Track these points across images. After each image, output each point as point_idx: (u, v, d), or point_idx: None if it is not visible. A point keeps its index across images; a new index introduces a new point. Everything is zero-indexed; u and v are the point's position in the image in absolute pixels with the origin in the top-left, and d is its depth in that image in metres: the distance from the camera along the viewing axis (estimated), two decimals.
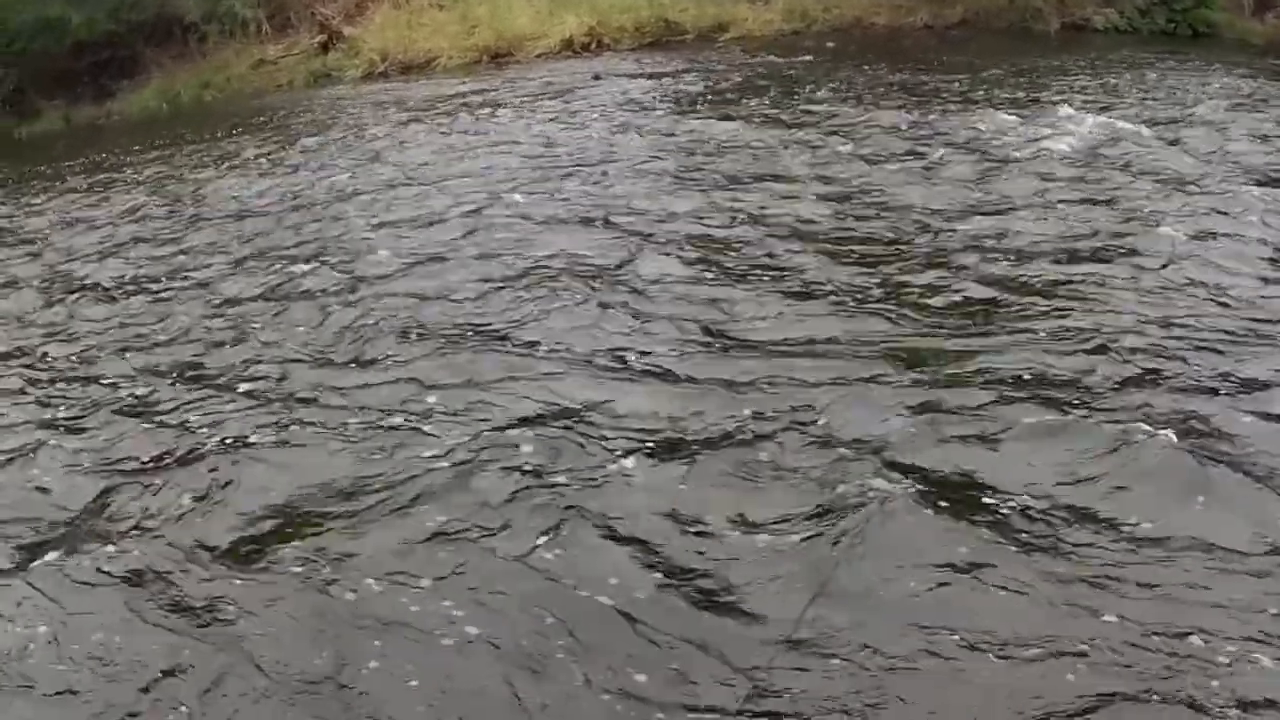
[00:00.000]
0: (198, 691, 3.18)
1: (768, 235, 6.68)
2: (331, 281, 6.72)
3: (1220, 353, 4.77)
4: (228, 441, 4.71)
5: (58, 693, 3.29)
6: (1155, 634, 3.09)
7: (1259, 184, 7.23)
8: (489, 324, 5.69)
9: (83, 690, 3.28)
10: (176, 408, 5.20)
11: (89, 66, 20.47)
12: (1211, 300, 5.35)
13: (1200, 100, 10.13)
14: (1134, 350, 4.79)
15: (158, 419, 5.11)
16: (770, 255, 6.33)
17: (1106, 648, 3.05)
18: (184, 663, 3.31)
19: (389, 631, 3.33)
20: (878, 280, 5.85)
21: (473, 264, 6.70)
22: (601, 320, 5.55)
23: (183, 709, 3.13)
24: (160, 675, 3.27)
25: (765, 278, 5.98)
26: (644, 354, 5.13)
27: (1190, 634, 3.08)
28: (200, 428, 4.92)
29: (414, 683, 3.13)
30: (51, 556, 4.04)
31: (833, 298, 5.62)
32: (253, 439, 4.72)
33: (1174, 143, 8.51)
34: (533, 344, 5.36)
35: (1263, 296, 5.37)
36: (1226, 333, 4.98)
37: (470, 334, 5.60)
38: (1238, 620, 3.13)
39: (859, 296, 5.63)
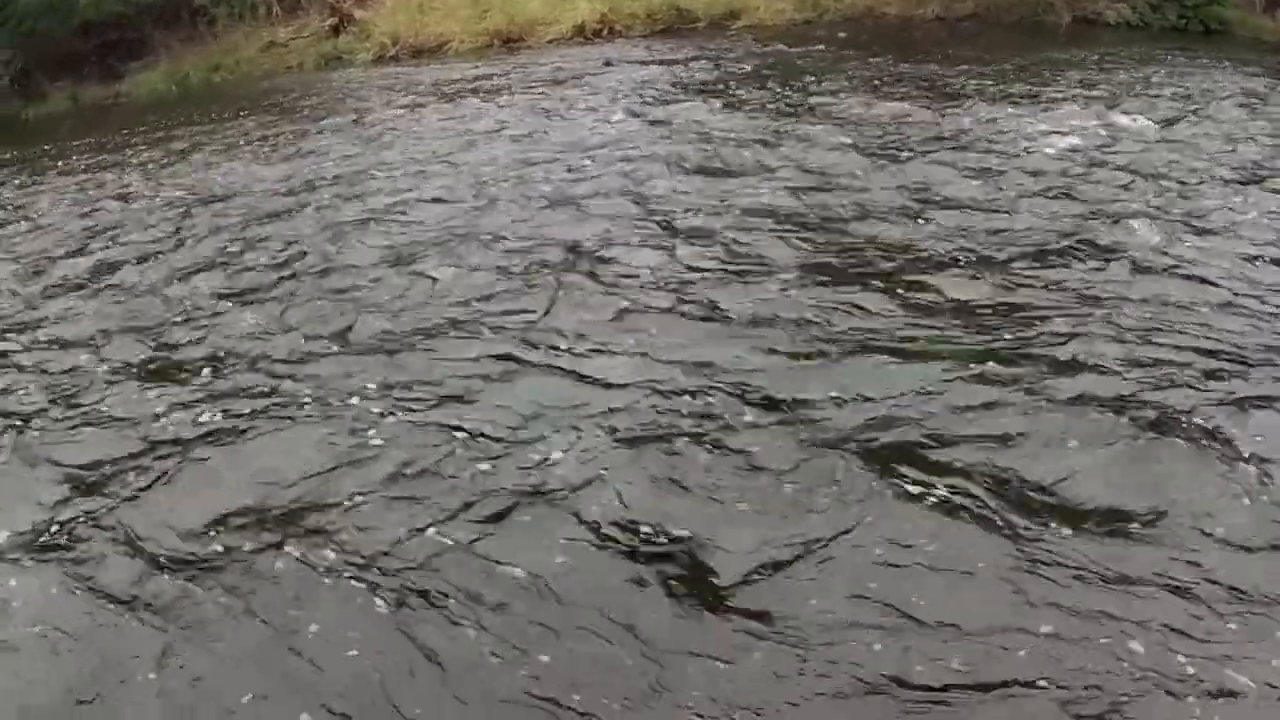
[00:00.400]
0: (152, 663, 3.31)
1: (744, 223, 6.66)
2: (307, 269, 6.74)
3: (1195, 349, 4.73)
4: (184, 427, 4.79)
5: (26, 668, 3.41)
6: (1123, 648, 3.02)
7: (1256, 184, 7.12)
8: (452, 310, 5.74)
9: (52, 665, 3.40)
10: (138, 394, 5.24)
11: (96, 48, 20.54)
12: (1189, 296, 5.30)
13: (1208, 99, 9.98)
14: (1106, 346, 4.77)
15: (119, 405, 5.16)
16: (742, 243, 6.29)
17: (1071, 664, 2.98)
18: (140, 639, 3.43)
19: (329, 605, 3.48)
20: (849, 270, 5.83)
21: (446, 251, 6.73)
22: (562, 306, 5.60)
23: (150, 675, 3.27)
24: (117, 651, 3.40)
25: (733, 264, 5.98)
26: (600, 336, 5.18)
27: (1159, 649, 3.02)
28: (160, 414, 4.96)
29: (353, 651, 3.27)
30: (4, 539, 4.12)
31: (800, 285, 5.61)
32: (204, 423, 4.80)
33: (1177, 141, 8.38)
34: (493, 329, 5.42)
35: (1245, 295, 5.30)
36: (1203, 329, 4.94)
37: (432, 320, 5.63)
38: (1209, 634, 3.07)
39: (827, 284, 5.61)
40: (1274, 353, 4.69)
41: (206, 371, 5.38)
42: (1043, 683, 2.93)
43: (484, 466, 4.13)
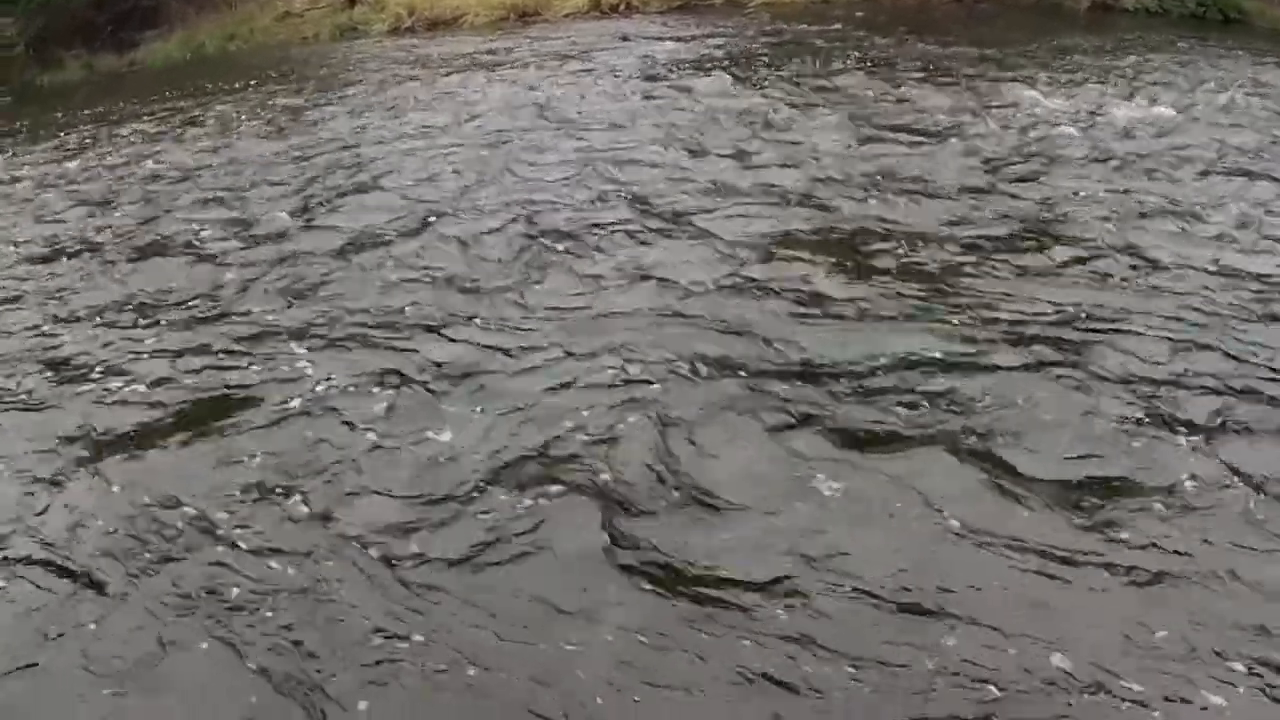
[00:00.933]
0: (95, 617, 3.43)
1: (715, 201, 6.66)
2: (271, 245, 6.78)
3: (1152, 333, 4.72)
4: (118, 408, 4.83)
5: None
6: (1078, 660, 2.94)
7: (1252, 178, 7.01)
8: (400, 285, 5.80)
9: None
10: (80, 370, 5.28)
11: (111, 16, 20.54)
12: (1155, 280, 5.31)
13: (1219, 88, 9.80)
14: (1062, 329, 4.78)
15: (60, 380, 5.21)
16: (707, 222, 6.29)
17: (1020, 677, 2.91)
18: (77, 608, 3.50)
19: (254, 571, 3.58)
20: (809, 248, 5.84)
21: (408, 227, 6.77)
22: (512, 282, 5.65)
23: (89, 626, 3.39)
24: (58, 619, 3.46)
25: (694, 241, 6.01)
26: (546, 309, 5.24)
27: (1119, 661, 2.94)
28: (97, 393, 5.00)
29: (269, 613, 3.37)
30: None
31: (757, 261, 5.64)
32: (138, 401, 4.86)
33: (1179, 129, 8.27)
34: (433, 304, 5.51)
35: (1209, 280, 5.29)
36: (1164, 312, 4.91)
37: (378, 299, 5.67)
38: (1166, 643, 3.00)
39: (783, 260, 5.65)
40: (1228, 332, 4.71)
41: (150, 340, 5.45)
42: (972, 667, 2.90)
43: (384, 443, 4.22)
